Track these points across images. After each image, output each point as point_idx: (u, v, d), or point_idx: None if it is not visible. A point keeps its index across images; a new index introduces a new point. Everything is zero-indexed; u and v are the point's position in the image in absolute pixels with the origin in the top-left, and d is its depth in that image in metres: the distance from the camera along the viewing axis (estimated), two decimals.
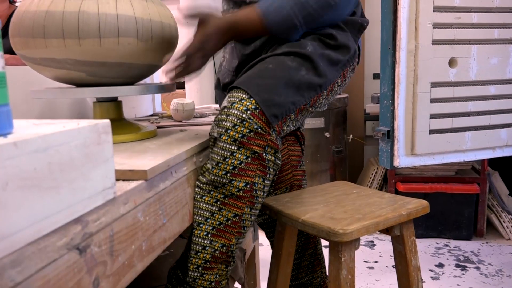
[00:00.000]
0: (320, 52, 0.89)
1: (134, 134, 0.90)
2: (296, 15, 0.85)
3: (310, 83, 0.86)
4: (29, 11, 0.79)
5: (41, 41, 0.78)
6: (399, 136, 1.69)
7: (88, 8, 0.77)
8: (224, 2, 1.07)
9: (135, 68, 0.87)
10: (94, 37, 0.77)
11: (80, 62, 0.80)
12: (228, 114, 0.79)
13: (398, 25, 1.61)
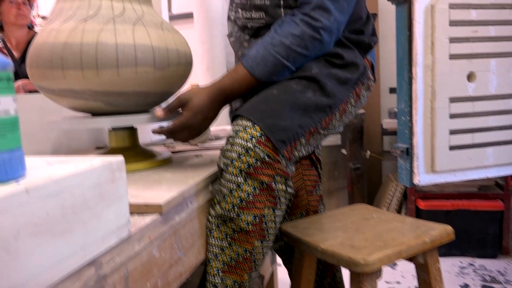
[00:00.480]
0: (327, 72, 0.87)
1: (149, 162, 0.89)
2: (282, 59, 0.83)
3: (318, 104, 0.83)
4: (47, 42, 0.79)
5: (59, 73, 0.78)
6: (418, 153, 1.65)
7: (106, 39, 0.77)
8: (229, 24, 1.06)
9: (151, 96, 0.86)
10: (112, 67, 0.77)
11: (98, 93, 0.80)
12: (233, 144, 0.77)
13: (414, 40, 1.58)
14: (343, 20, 0.87)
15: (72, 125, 0.83)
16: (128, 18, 0.81)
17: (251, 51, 0.85)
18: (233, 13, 1.03)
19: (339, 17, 0.85)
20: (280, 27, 0.85)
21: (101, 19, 0.80)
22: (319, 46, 0.85)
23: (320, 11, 0.83)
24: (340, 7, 0.85)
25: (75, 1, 0.82)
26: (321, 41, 0.85)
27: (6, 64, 0.39)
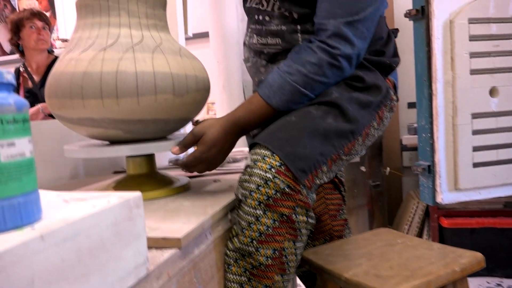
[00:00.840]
0: (348, 96, 0.84)
1: (167, 190, 0.88)
2: (300, 87, 0.81)
3: (339, 130, 0.80)
4: (66, 72, 0.79)
5: (79, 102, 0.78)
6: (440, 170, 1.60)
7: (126, 67, 0.77)
8: (245, 50, 1.05)
9: (170, 123, 0.85)
10: (132, 95, 0.77)
11: (117, 121, 0.80)
12: (251, 174, 0.74)
13: (433, 56, 1.55)
14: (362, 46, 0.85)
15: (89, 154, 0.83)
16: (146, 46, 0.81)
17: (267, 80, 0.83)
18: (248, 38, 1.02)
19: (358, 44, 0.83)
20: (297, 54, 0.83)
21: (120, 47, 0.79)
22: (338, 73, 0.83)
23: (338, 39, 0.81)
24: (359, 33, 0.83)
25: (94, 30, 0.82)
26: (340, 68, 0.83)
27: (22, 106, 0.39)
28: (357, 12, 0.81)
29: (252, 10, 0.98)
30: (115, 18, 0.82)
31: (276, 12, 0.92)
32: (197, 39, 3.25)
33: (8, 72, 0.38)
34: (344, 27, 0.80)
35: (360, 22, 0.81)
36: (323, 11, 0.82)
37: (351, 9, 0.81)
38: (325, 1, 0.82)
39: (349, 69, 0.85)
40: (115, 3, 0.82)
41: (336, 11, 0.81)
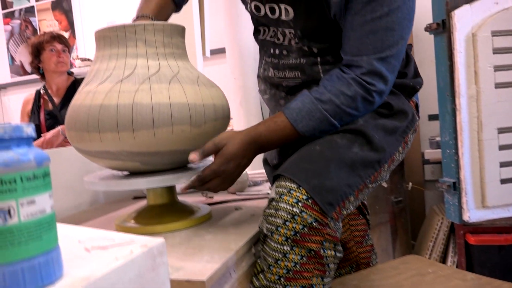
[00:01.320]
0: (374, 123, 0.81)
1: (188, 221, 0.86)
2: (330, 116, 0.79)
3: (366, 160, 0.77)
4: (84, 105, 0.79)
5: (96, 135, 0.77)
6: (466, 187, 1.55)
7: (142, 99, 0.76)
8: (260, 82, 1.03)
9: (188, 153, 0.84)
10: (148, 128, 0.76)
11: (134, 153, 0.79)
12: (277, 209, 0.71)
13: (456, 70, 1.51)
14: (393, 79, 0.82)
15: (108, 187, 0.81)
16: (163, 76, 0.80)
17: (295, 103, 0.80)
18: (263, 71, 0.99)
19: (391, 78, 0.81)
20: (331, 83, 0.80)
21: (137, 78, 0.78)
22: (369, 107, 0.81)
23: (373, 76, 0.79)
24: (392, 67, 0.80)
25: (111, 61, 0.82)
26: (373, 103, 0.81)
27: (43, 160, 0.37)
28: (390, 47, 0.78)
29: (266, 43, 0.96)
30: (132, 48, 0.81)
31: (294, 46, 0.90)
32: (213, 55, 3.26)
33: (28, 125, 0.37)
34: (378, 63, 0.78)
35: (393, 57, 0.79)
36: (353, 47, 0.80)
37: (383, 44, 0.78)
38: (353, 38, 0.80)
39: (379, 103, 0.83)
40: (132, 34, 0.81)
41: (367, 47, 0.78)
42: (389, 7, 0.76)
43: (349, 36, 0.80)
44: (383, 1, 0.76)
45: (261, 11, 0.89)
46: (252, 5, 0.90)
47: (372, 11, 0.76)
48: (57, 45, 2.07)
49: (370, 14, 0.77)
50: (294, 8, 0.83)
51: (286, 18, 0.85)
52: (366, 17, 0.77)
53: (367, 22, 0.77)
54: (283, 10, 0.84)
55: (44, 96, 2.16)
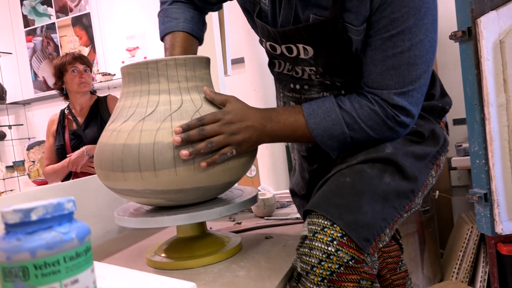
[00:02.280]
0: (403, 150, 0.79)
1: (220, 254, 0.85)
2: (344, 123, 0.78)
3: (399, 190, 0.75)
4: (108, 144, 0.79)
5: (120, 175, 0.77)
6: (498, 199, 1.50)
7: (163, 138, 0.76)
8: (279, 99, 1.01)
9: (212, 189, 0.83)
10: (169, 167, 0.75)
11: (157, 192, 0.78)
12: (311, 248, 0.69)
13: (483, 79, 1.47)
14: (418, 111, 0.80)
15: (138, 224, 0.81)
16: (185, 112, 0.79)
17: (316, 101, 0.80)
18: (283, 104, 0.98)
19: (415, 111, 0.79)
20: (354, 96, 0.79)
21: (159, 116, 0.78)
22: (387, 133, 0.79)
23: (398, 109, 0.77)
24: (415, 100, 0.78)
25: (135, 98, 0.82)
26: (397, 133, 0.79)
27: (85, 235, 0.37)
28: (412, 82, 0.76)
29: (284, 77, 0.94)
30: (154, 85, 0.81)
31: (315, 80, 0.88)
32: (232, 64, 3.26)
33: (69, 200, 0.37)
34: (399, 97, 0.76)
35: (415, 90, 0.77)
36: (374, 82, 0.78)
37: (405, 80, 0.76)
38: (374, 73, 0.78)
39: (404, 133, 0.81)
40: (154, 70, 0.81)
41: (388, 83, 0.76)
42: (411, 41, 0.73)
43: (369, 70, 0.78)
44: (404, 35, 0.73)
45: (277, 50, 0.87)
46: (267, 45, 0.88)
47: (394, 46, 0.74)
48: (79, 65, 2.09)
49: (391, 49, 0.74)
50: (313, 47, 0.81)
51: (306, 56, 0.83)
52: (388, 52, 0.75)
53: (388, 57, 0.75)
54: (301, 49, 0.82)
55: (69, 116, 2.20)
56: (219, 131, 0.76)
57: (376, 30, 0.75)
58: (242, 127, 0.78)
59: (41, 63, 3.96)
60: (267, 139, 0.81)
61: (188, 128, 0.75)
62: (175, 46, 0.93)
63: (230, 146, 0.77)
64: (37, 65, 3.98)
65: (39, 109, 4.06)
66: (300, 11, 0.79)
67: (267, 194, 1.20)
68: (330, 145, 0.80)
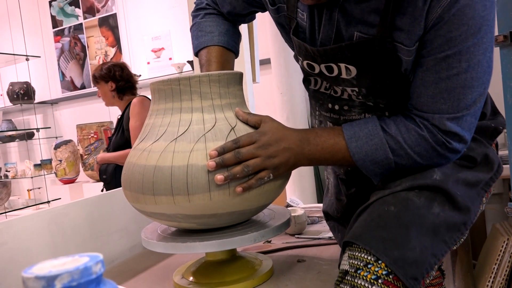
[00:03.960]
0: (454, 177, 0.72)
1: (251, 281, 0.81)
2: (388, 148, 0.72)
3: (450, 223, 0.69)
4: (138, 165, 0.76)
5: (150, 198, 0.74)
6: None
7: (197, 160, 0.72)
8: (314, 118, 0.95)
9: (246, 213, 0.79)
10: (203, 192, 0.71)
11: (190, 216, 0.75)
12: (354, 286, 0.64)
13: None
14: (471, 136, 0.74)
15: (168, 249, 0.78)
16: (219, 131, 0.75)
17: (358, 122, 0.75)
18: (319, 123, 0.92)
19: (468, 136, 0.72)
20: (400, 118, 0.73)
21: (192, 136, 0.74)
22: (437, 160, 0.73)
23: (450, 136, 0.71)
24: (468, 125, 0.71)
25: (166, 116, 0.78)
26: (448, 159, 0.73)
27: None
28: (467, 107, 0.70)
29: (321, 96, 0.88)
30: (187, 102, 0.77)
31: (356, 101, 0.82)
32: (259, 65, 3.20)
33: (97, 262, 0.33)
34: (451, 122, 0.70)
35: (469, 115, 0.70)
36: (424, 105, 0.72)
37: (459, 104, 0.69)
38: (424, 95, 0.71)
39: (454, 159, 0.74)
40: (187, 87, 0.77)
41: (441, 107, 0.70)
42: (468, 62, 0.67)
43: (419, 92, 0.72)
44: (461, 56, 0.67)
45: (316, 69, 0.81)
46: (305, 64, 0.83)
47: (449, 67, 0.68)
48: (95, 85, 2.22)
49: (446, 71, 0.68)
50: (357, 67, 0.75)
51: (348, 76, 0.77)
52: (441, 74, 0.69)
53: (442, 79, 0.69)
54: (343, 69, 0.76)
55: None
56: (255, 153, 0.72)
57: (430, 49, 0.69)
58: (280, 149, 0.73)
59: (69, 63, 4.00)
60: (305, 162, 0.76)
61: (223, 151, 0.72)
62: (211, 62, 0.89)
63: (267, 170, 0.73)
64: (64, 65, 4.03)
65: (66, 108, 4.11)
66: (343, 28, 0.73)
67: (298, 211, 1.15)
68: (372, 171, 0.75)
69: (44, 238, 0.94)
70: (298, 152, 0.74)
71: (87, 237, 1.04)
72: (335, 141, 0.74)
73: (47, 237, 0.94)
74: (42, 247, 0.93)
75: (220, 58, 0.89)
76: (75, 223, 1.02)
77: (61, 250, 0.97)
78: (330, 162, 0.76)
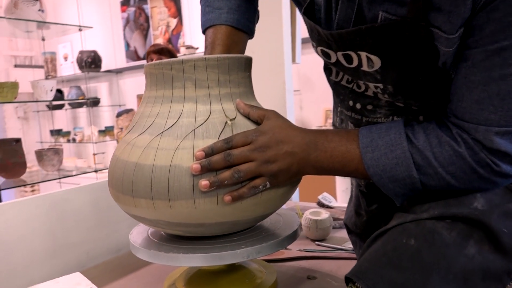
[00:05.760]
0: (502, 208, 0.54)
1: None
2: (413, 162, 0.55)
3: (487, 269, 0.52)
4: (121, 159, 0.66)
5: (130, 199, 0.65)
6: None
7: (181, 160, 0.61)
8: (335, 114, 0.79)
9: (241, 224, 0.67)
10: (187, 198, 0.60)
11: (173, 224, 0.65)
12: None
13: None
14: None
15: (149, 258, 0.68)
16: (212, 126, 0.63)
17: (379, 126, 0.59)
18: (339, 122, 0.76)
19: None
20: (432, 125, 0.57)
21: (180, 131, 0.63)
22: (485, 187, 0.55)
23: (499, 156, 0.53)
24: None
25: (156, 105, 0.68)
26: (494, 184, 0.55)
27: None
28: None
29: (342, 90, 0.72)
30: (179, 90, 0.66)
31: (382, 100, 0.66)
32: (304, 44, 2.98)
33: None
34: (501, 139, 0.52)
35: None
36: (466, 112, 0.54)
37: None
38: (467, 99, 0.53)
39: (502, 184, 0.56)
40: (179, 72, 0.65)
41: (487, 116, 0.52)
42: None
43: (461, 94, 0.54)
44: None
45: (332, 58, 0.65)
46: (319, 50, 0.67)
47: (503, 64, 0.49)
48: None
49: (499, 68, 0.50)
50: (381, 57, 0.58)
51: (370, 69, 0.60)
52: (493, 73, 0.50)
53: (493, 79, 0.50)
54: (363, 59, 0.60)
55: None
56: (249, 157, 0.59)
57: (478, 39, 0.51)
58: (280, 153, 0.60)
59: (133, 33, 4.06)
60: (311, 171, 0.62)
61: (211, 152, 0.60)
62: (215, 44, 0.77)
63: (263, 177, 0.60)
64: (129, 35, 4.10)
65: (130, 77, 4.21)
66: (366, 6, 0.56)
67: (322, 214, 1.01)
68: (392, 190, 0.59)
69: (42, 226, 0.89)
70: (303, 157, 0.60)
71: (91, 225, 0.99)
72: (347, 148, 0.59)
73: (45, 225, 0.90)
74: (40, 236, 0.89)
75: (226, 39, 0.76)
76: (79, 210, 0.96)
77: (60, 239, 0.93)
78: (341, 173, 0.62)
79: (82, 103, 4.29)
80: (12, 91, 2.23)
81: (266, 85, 1.42)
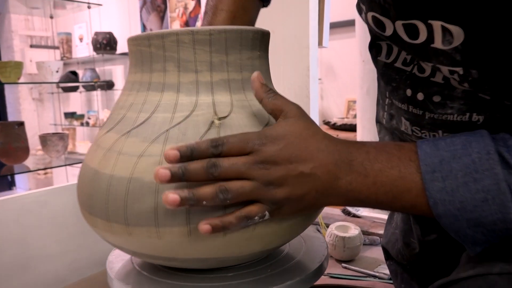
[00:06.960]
0: None
1: None
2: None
3: None
4: (86, 163, 0.51)
5: (86, 215, 0.50)
6: None
7: (144, 172, 0.43)
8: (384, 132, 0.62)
9: (231, 260, 0.50)
10: (148, 225, 0.43)
11: (138, 254, 0.49)
12: None
13: None
14: None
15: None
16: (193, 126, 0.46)
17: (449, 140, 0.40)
18: (387, 116, 0.58)
19: None
20: None
21: (149, 130, 0.46)
22: None
23: None
24: None
25: (131, 94, 0.51)
26: None
27: None
28: None
29: (396, 75, 0.53)
30: (158, 74, 0.49)
31: (458, 90, 0.47)
32: (339, 28, 2.77)
33: None
34: None
35: None
36: None
37: None
38: None
39: None
40: (159, 50, 0.48)
41: None
42: None
43: None
44: None
45: (387, 29, 0.46)
46: (369, 17, 0.48)
47: None
48: None
49: None
50: (465, 27, 0.39)
51: (446, 46, 0.41)
52: None
53: None
54: (437, 31, 0.41)
55: None
56: (245, 173, 0.40)
57: None
58: (292, 174, 0.40)
59: (150, 15, 3.91)
60: (339, 201, 0.43)
61: (191, 154, 0.40)
62: (217, 8, 0.60)
63: (260, 204, 0.42)
64: (146, 17, 3.94)
65: None
66: None
67: (351, 230, 0.83)
68: (470, 237, 0.39)
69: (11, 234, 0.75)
70: (327, 183, 0.41)
71: (73, 232, 0.84)
72: (400, 173, 0.40)
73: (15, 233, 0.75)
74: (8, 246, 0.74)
75: (232, 4, 0.58)
76: (58, 214, 0.81)
77: (35, 249, 0.78)
78: (387, 208, 0.43)
79: (96, 86, 4.18)
80: (15, 71, 2.11)
81: (286, 70, 1.23)
